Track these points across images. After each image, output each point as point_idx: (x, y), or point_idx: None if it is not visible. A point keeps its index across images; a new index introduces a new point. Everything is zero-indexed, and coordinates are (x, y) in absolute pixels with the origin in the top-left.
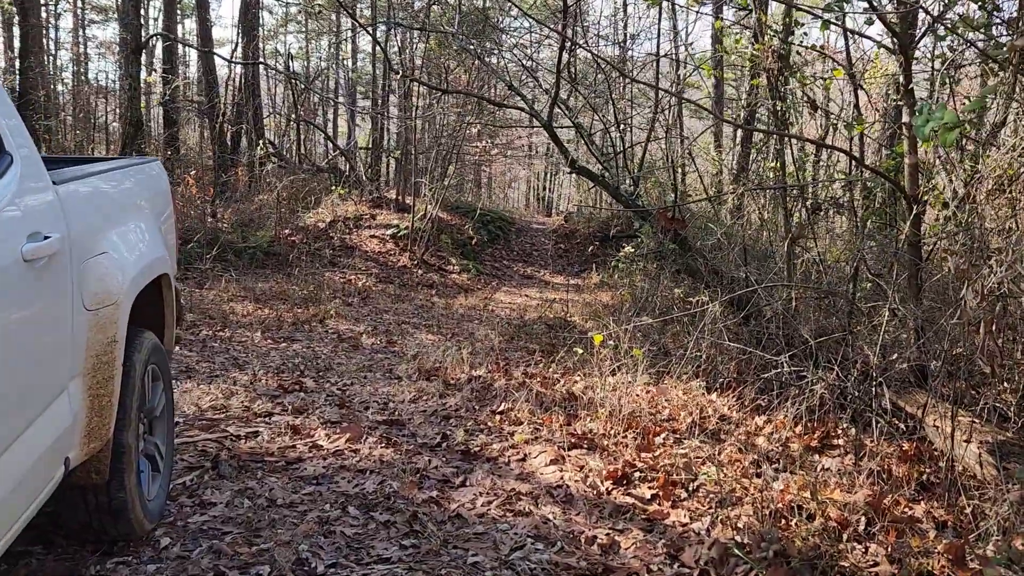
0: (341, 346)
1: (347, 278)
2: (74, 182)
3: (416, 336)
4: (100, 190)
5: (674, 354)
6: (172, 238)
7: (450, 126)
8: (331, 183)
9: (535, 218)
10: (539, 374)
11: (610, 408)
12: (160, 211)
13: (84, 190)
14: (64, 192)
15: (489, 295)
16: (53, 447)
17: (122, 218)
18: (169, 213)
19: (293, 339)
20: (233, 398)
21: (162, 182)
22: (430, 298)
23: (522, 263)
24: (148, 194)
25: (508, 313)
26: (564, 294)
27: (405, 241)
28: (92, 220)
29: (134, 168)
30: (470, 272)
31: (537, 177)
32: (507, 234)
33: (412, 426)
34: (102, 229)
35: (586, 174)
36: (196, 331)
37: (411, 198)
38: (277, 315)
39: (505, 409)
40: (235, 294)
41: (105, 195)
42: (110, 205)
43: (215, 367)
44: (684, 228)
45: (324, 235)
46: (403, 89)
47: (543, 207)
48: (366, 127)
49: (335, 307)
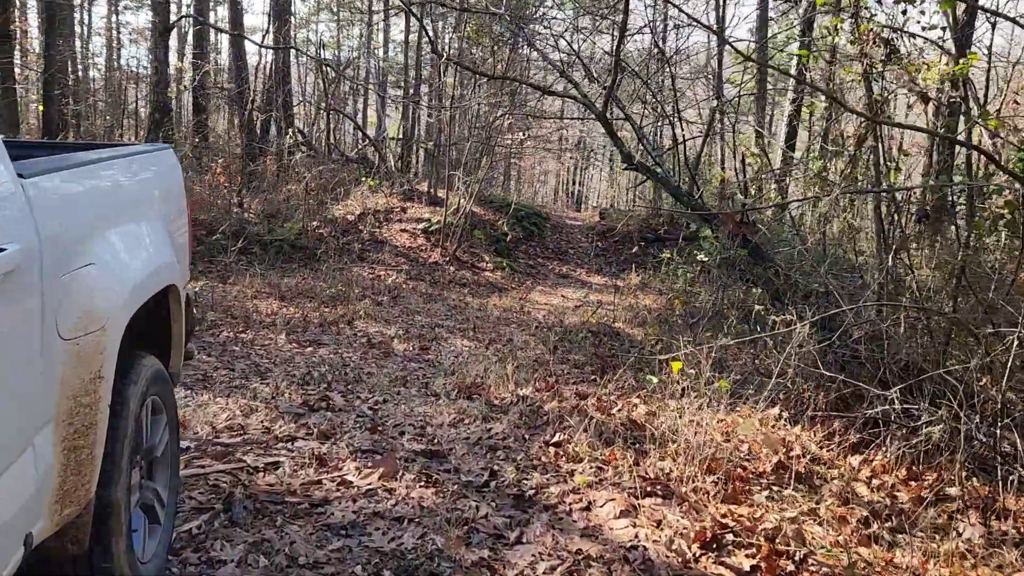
0: (371, 352)
1: (376, 274)
2: (51, 175)
3: (451, 342)
4: (89, 185)
5: (751, 381)
6: (185, 240)
7: (483, 117)
8: (361, 174)
9: (566, 213)
10: (593, 394)
11: (683, 442)
12: (171, 209)
13: (65, 185)
14: (35, 188)
15: (524, 295)
16: (7, 525)
17: (119, 218)
18: (182, 211)
19: (319, 342)
20: (252, 416)
21: (174, 175)
22: (463, 298)
23: (557, 261)
24: (156, 189)
25: (546, 316)
26: (603, 295)
27: (437, 236)
28: (75, 223)
29: (140, 157)
30: (504, 270)
31: (567, 171)
32: (542, 231)
33: (454, 458)
34: (89, 234)
35: (644, 171)
36: (216, 332)
37: (443, 191)
38: (303, 315)
39: (560, 440)
40: (259, 290)
41: (97, 191)
42: (103, 203)
43: (235, 375)
44: (754, 234)
45: (353, 228)
46: (438, 78)
47: (573, 201)
48: (396, 117)
49: (364, 307)
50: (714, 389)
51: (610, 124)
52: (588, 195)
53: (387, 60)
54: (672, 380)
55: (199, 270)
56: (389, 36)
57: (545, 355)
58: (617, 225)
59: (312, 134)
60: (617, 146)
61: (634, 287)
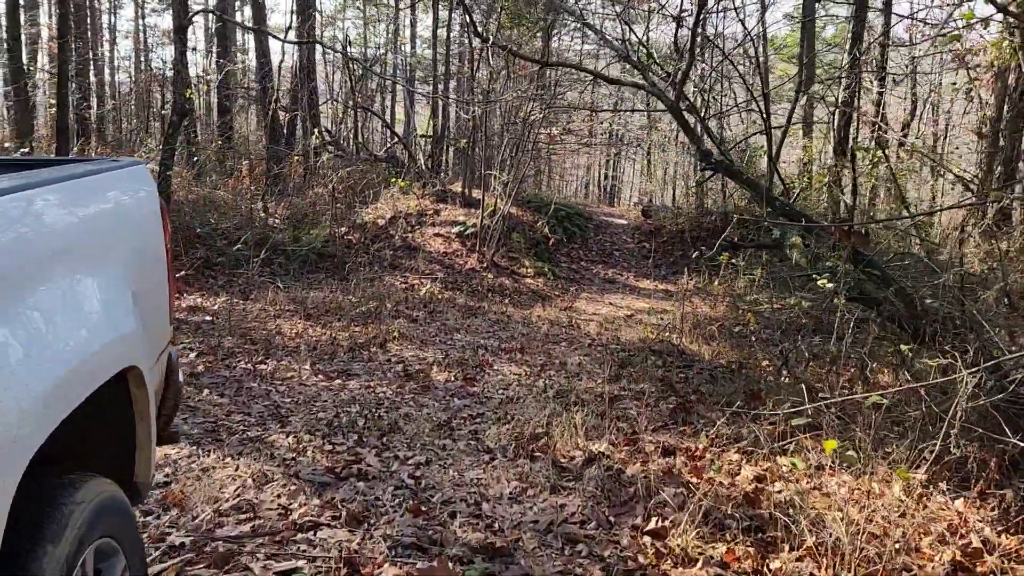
0: (408, 385)
1: (410, 283)
2: None
3: (497, 368)
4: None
5: (889, 438)
6: (162, 291)
7: (520, 111)
8: (390, 174)
9: (600, 208)
10: (680, 448)
11: (815, 522)
12: (137, 251)
13: None
14: None
15: (570, 304)
16: None
17: (42, 273)
18: (156, 252)
19: (349, 372)
20: (267, 488)
21: (145, 202)
22: (504, 309)
23: (602, 264)
24: (114, 224)
25: (599, 331)
26: (653, 301)
27: (473, 240)
28: None
29: (92, 180)
30: (545, 276)
31: (599, 164)
32: (584, 232)
33: (523, 556)
34: None
35: (726, 171)
36: (233, 363)
37: (478, 192)
38: (331, 337)
39: (658, 528)
40: (283, 307)
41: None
42: (14, 251)
43: (250, 422)
44: (866, 245)
45: (384, 234)
46: (470, 71)
47: (605, 196)
48: (426, 114)
49: (398, 326)
50: (840, 453)
51: (683, 115)
52: (621, 189)
53: (415, 56)
54: (800, 446)
55: (219, 284)
56: (416, 32)
57: (609, 387)
58: (664, 224)
59: (339, 133)
60: (693, 141)
61: (688, 293)
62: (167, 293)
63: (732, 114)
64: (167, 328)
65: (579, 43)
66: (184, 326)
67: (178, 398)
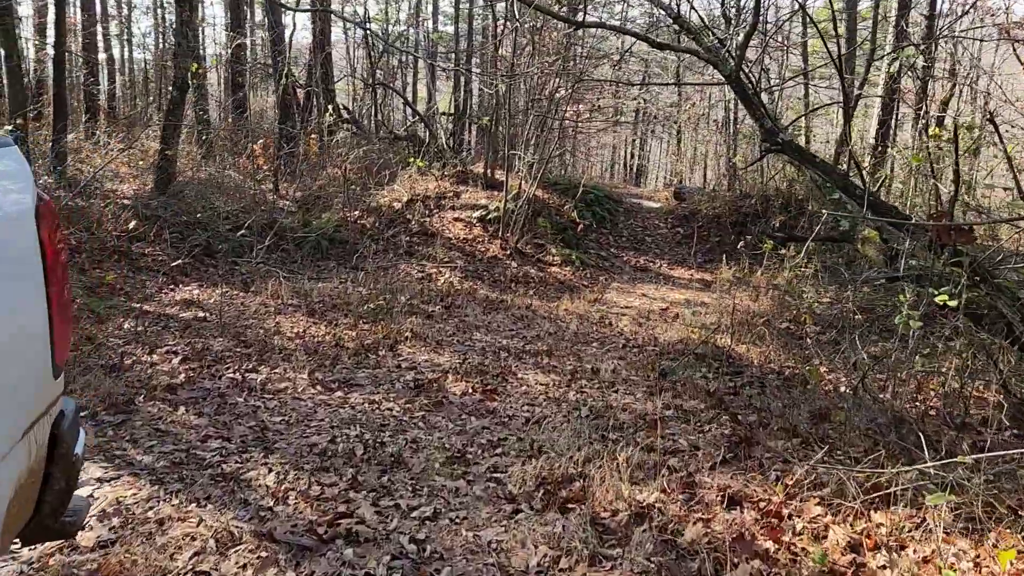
0: (418, 401)
1: (427, 273)
2: None
3: (522, 376)
4: None
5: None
6: (33, 330)
7: (546, 87)
8: (409, 154)
9: (628, 190)
10: (744, 496)
11: None
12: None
13: None
14: None
15: (599, 295)
16: None
17: None
18: (19, 269)
19: (352, 383)
20: (231, 554)
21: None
22: (529, 303)
23: (633, 251)
24: None
25: (633, 328)
26: (691, 292)
27: (495, 226)
28: None
29: None
30: (573, 264)
31: (625, 143)
32: (614, 216)
33: None
34: None
35: (795, 154)
36: (219, 371)
37: (502, 173)
38: (335, 337)
39: None
40: (286, 302)
41: None
42: None
43: (228, 450)
44: (971, 242)
45: (400, 218)
46: (493, 46)
47: (632, 177)
48: (447, 92)
49: (411, 324)
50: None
51: (744, 88)
52: (649, 170)
53: (437, 31)
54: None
55: (219, 274)
56: (439, 6)
57: (650, 404)
58: (700, 208)
59: (359, 111)
60: (755, 117)
61: (727, 283)
62: (46, 328)
63: (782, 88)
64: (48, 381)
65: (607, 14)
66: (172, 324)
67: (72, 479)
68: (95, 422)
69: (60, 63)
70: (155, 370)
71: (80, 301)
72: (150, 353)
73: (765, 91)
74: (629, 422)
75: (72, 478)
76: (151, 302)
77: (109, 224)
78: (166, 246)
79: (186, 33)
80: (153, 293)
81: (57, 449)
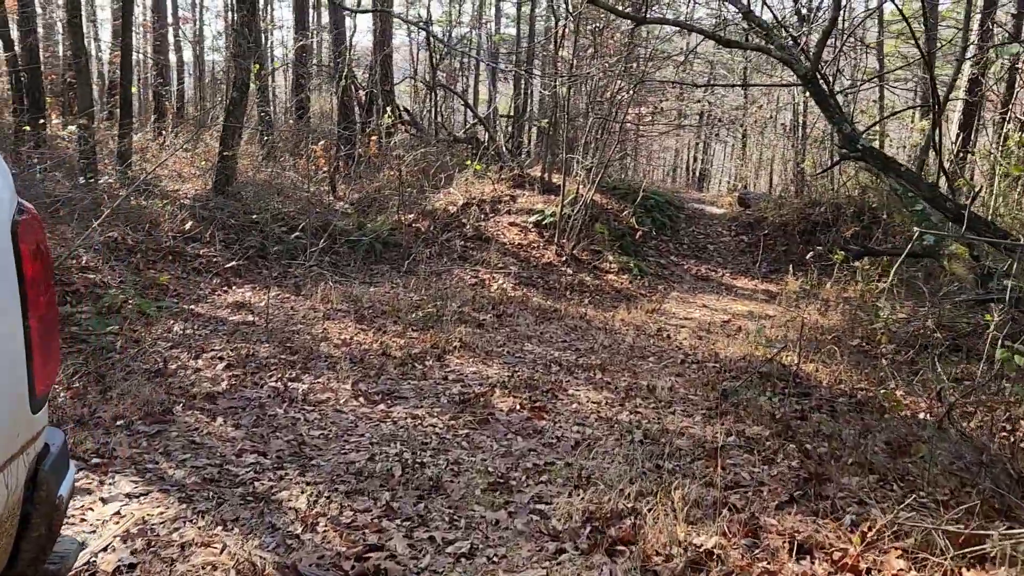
0: (463, 418)
1: (479, 278)
2: None
3: (572, 393)
4: None
5: None
6: (7, 359)
7: (607, 89)
8: (467, 156)
9: (689, 194)
10: (822, 546)
11: None
12: None
13: None
14: None
15: (658, 305)
16: None
17: None
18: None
19: (396, 395)
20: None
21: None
22: (583, 312)
23: (694, 260)
24: None
25: (691, 341)
26: (755, 304)
27: (551, 231)
28: None
29: None
30: (631, 272)
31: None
32: (675, 222)
33: None
34: None
35: (880, 162)
36: (261, 379)
37: (559, 177)
38: (382, 345)
39: None
40: (335, 307)
41: None
42: None
43: (263, 466)
44: None
45: (455, 222)
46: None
47: (694, 181)
48: (508, 94)
49: (461, 333)
50: None
51: (822, 90)
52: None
53: (499, 34)
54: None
55: (272, 277)
56: (501, 9)
57: (710, 429)
58: (766, 216)
59: (418, 113)
60: (833, 121)
61: (793, 295)
62: (22, 356)
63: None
64: (24, 416)
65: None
66: (221, 328)
67: (54, 525)
68: (130, 432)
69: (126, 64)
70: (198, 376)
71: (132, 302)
72: (195, 358)
73: (840, 93)
74: (686, 449)
75: (55, 523)
76: (203, 304)
77: (166, 224)
78: (221, 247)
79: (247, 34)
80: (205, 295)
81: (37, 492)
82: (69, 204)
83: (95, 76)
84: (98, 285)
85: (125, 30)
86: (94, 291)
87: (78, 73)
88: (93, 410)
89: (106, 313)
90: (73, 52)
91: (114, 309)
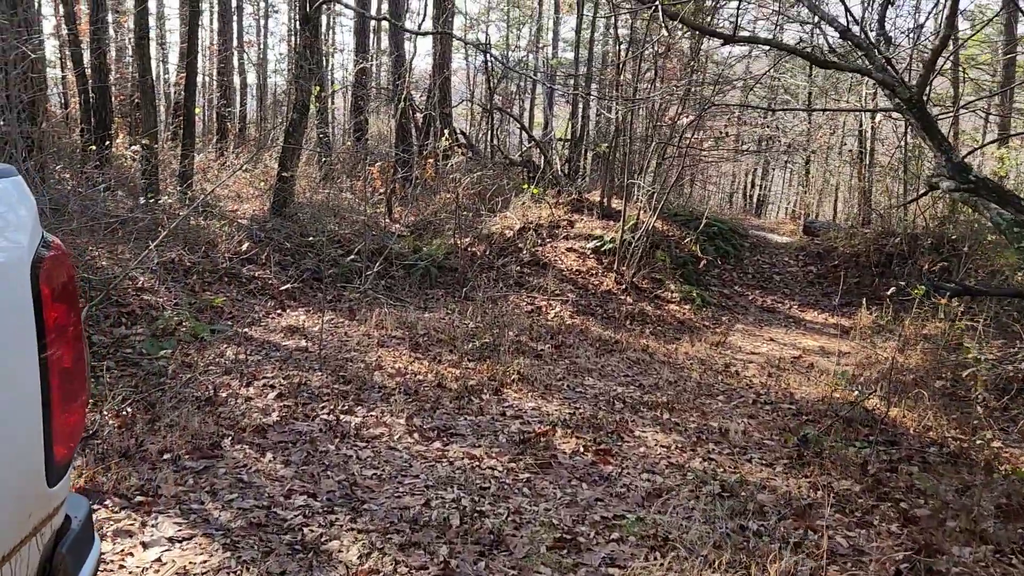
0: (523, 460)
1: (537, 305)
2: None
3: (639, 435)
4: None
5: None
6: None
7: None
8: (523, 180)
9: (750, 221)
10: None
11: None
12: None
13: None
14: None
15: (722, 338)
16: None
17: None
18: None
19: (452, 432)
20: None
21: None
22: (646, 343)
23: (759, 290)
24: None
25: (762, 378)
26: (826, 339)
27: (610, 258)
28: None
29: None
30: (693, 302)
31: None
32: (739, 251)
33: None
34: None
35: (996, 195)
36: (315, 410)
37: (618, 202)
38: (436, 376)
39: None
40: (390, 333)
41: None
42: None
43: (312, 509)
44: None
45: (511, 247)
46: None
47: (751, 206)
48: (564, 118)
49: (518, 366)
50: None
51: (928, 115)
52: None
53: (556, 58)
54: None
55: (327, 300)
56: (559, 33)
57: (792, 481)
58: (836, 246)
59: (475, 136)
60: (940, 148)
61: (866, 330)
62: (38, 418)
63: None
64: (39, 491)
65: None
66: (274, 353)
67: None
68: (176, 467)
69: (191, 86)
70: (248, 406)
71: (186, 324)
72: (247, 385)
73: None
74: (770, 506)
75: None
76: (256, 327)
77: (223, 245)
78: (276, 269)
79: (309, 57)
80: (259, 318)
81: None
82: (129, 223)
83: (161, 97)
84: (153, 307)
85: (190, 53)
86: (149, 313)
87: (143, 94)
88: (140, 442)
89: (160, 335)
90: (140, 73)
91: (168, 332)
